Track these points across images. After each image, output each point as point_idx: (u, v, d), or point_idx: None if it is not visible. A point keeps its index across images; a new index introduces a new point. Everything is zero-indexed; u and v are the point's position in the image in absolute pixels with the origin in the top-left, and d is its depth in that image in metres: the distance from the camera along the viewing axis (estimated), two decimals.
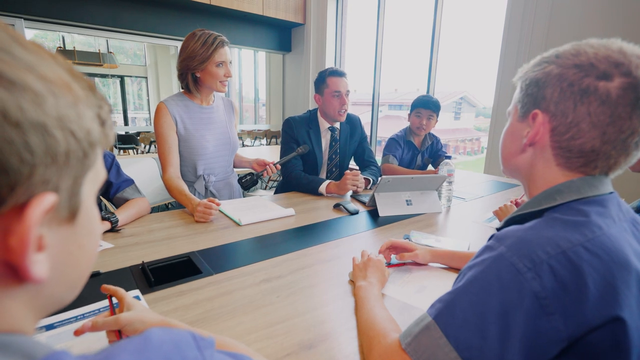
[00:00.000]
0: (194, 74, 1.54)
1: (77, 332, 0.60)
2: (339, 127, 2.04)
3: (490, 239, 0.53)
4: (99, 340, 0.66)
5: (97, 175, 0.30)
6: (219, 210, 1.43)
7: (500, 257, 0.49)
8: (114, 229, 1.20)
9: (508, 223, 0.58)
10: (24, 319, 0.27)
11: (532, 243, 0.48)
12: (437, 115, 2.26)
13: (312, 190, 1.81)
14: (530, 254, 0.47)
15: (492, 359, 0.45)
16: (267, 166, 1.71)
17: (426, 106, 2.22)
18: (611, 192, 0.56)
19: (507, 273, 0.47)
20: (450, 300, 0.51)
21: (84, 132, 0.26)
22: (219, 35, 1.53)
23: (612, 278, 0.45)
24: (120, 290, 0.66)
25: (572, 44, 0.55)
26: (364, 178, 1.86)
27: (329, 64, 4.37)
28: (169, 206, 3.09)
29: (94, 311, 0.74)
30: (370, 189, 1.91)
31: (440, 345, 0.48)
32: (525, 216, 0.57)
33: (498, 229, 0.56)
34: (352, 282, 0.94)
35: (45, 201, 0.24)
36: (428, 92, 3.51)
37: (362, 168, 2.12)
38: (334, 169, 2.06)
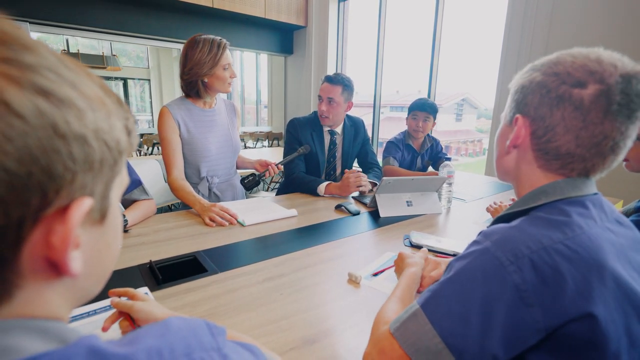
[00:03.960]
0: (202, 80, 1.58)
1: (104, 329, 0.65)
2: (339, 132, 2.07)
3: (478, 235, 0.56)
4: (112, 334, 0.69)
5: (122, 180, 0.33)
6: None
7: (485, 251, 0.52)
8: (123, 230, 1.23)
9: (497, 221, 0.62)
10: (61, 308, 0.30)
11: (516, 239, 0.51)
12: (434, 117, 2.29)
13: (311, 190, 1.84)
14: (514, 249, 0.50)
15: (473, 346, 0.48)
16: (269, 167, 1.74)
17: (422, 108, 2.25)
18: (595, 194, 0.59)
19: (491, 266, 0.50)
20: (437, 290, 0.54)
21: (114, 142, 0.29)
22: (221, 39, 1.57)
23: (589, 275, 0.48)
24: (129, 289, 0.69)
25: (557, 53, 0.59)
26: (370, 181, 1.89)
27: (331, 66, 4.40)
28: (172, 207, 3.12)
29: (105, 307, 0.78)
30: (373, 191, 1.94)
31: (426, 331, 0.51)
32: (513, 215, 0.60)
33: (487, 227, 0.59)
34: (351, 281, 0.97)
35: (84, 204, 0.27)
36: (429, 93, 3.54)
37: (365, 170, 2.15)
38: (331, 172, 2.09)
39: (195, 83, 1.58)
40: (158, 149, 5.28)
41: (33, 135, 0.23)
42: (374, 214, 1.55)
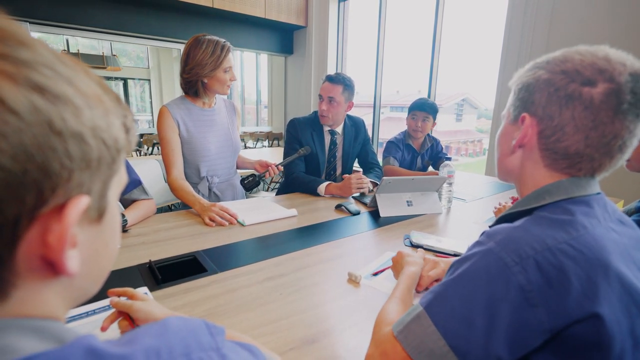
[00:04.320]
0: (202, 80, 1.58)
1: (103, 328, 0.65)
2: (339, 132, 2.07)
3: (481, 235, 0.56)
4: (111, 334, 0.69)
5: (120, 179, 0.33)
6: None
7: (489, 252, 0.51)
8: (122, 230, 1.23)
9: (499, 221, 0.61)
10: (58, 308, 0.29)
11: (520, 239, 0.50)
12: (434, 118, 2.28)
13: (311, 190, 1.84)
14: (518, 250, 0.49)
15: (478, 347, 0.48)
16: (270, 167, 1.74)
17: (421, 108, 2.25)
18: (598, 193, 0.58)
19: (495, 267, 0.49)
20: (440, 292, 0.54)
21: (112, 140, 0.29)
22: (225, 42, 1.57)
23: (595, 275, 0.47)
24: (128, 289, 0.69)
25: (562, 51, 0.58)
26: (371, 181, 1.88)
27: (331, 66, 4.40)
28: (172, 207, 3.12)
29: (104, 307, 0.77)
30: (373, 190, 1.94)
31: (429, 333, 0.51)
32: (516, 215, 0.59)
33: (490, 227, 0.59)
34: (351, 281, 0.97)
35: (81, 203, 0.27)
36: (429, 93, 3.54)
37: (366, 170, 2.15)
38: (331, 173, 2.09)
39: (195, 83, 1.58)
40: (158, 149, 5.28)
41: (28, 132, 0.23)
42: (374, 214, 1.54)
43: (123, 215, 1.24)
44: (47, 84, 0.24)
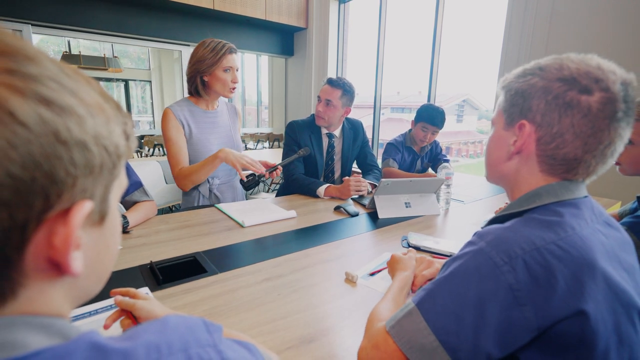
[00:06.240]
0: (202, 78, 1.61)
1: (106, 326, 0.66)
2: (337, 135, 2.09)
3: (473, 235, 0.57)
4: (113, 332, 0.70)
5: (121, 183, 0.34)
6: (222, 212, 1.49)
7: (480, 251, 0.53)
8: (124, 231, 1.25)
9: (492, 222, 0.63)
10: (63, 306, 0.31)
11: (510, 240, 0.52)
12: (441, 128, 2.30)
13: (311, 192, 1.86)
14: (507, 250, 0.51)
15: (467, 344, 0.49)
16: (276, 170, 1.75)
17: (433, 123, 2.21)
18: (585, 196, 0.60)
19: (485, 266, 0.51)
20: (432, 289, 0.55)
21: (113, 146, 0.30)
22: (227, 43, 1.62)
23: (581, 274, 0.49)
24: (131, 289, 0.71)
25: (553, 58, 0.59)
26: (370, 183, 1.90)
27: (331, 67, 4.41)
28: (173, 208, 3.14)
29: (106, 307, 0.79)
30: (372, 192, 1.95)
31: (421, 329, 0.53)
32: (508, 217, 0.61)
33: (482, 227, 0.60)
34: (348, 280, 0.98)
35: (85, 207, 0.28)
36: (430, 94, 3.54)
37: (365, 172, 2.16)
38: (329, 175, 2.11)
39: (194, 79, 1.62)
40: (159, 150, 5.30)
41: (36, 142, 0.24)
42: (373, 215, 1.56)
43: (124, 217, 1.26)
44: (53, 96, 0.26)
